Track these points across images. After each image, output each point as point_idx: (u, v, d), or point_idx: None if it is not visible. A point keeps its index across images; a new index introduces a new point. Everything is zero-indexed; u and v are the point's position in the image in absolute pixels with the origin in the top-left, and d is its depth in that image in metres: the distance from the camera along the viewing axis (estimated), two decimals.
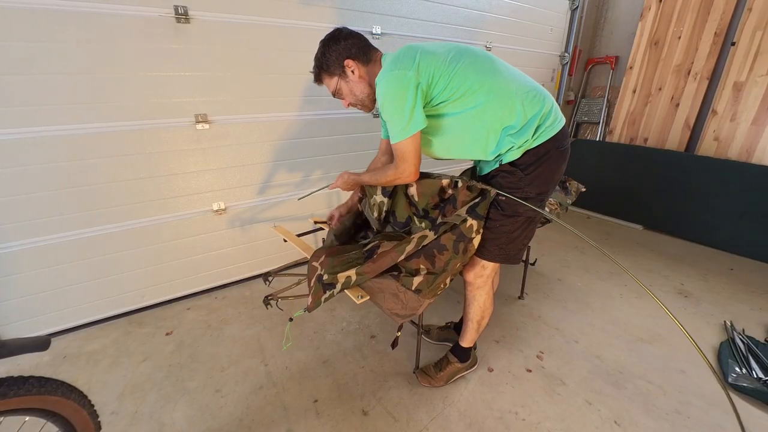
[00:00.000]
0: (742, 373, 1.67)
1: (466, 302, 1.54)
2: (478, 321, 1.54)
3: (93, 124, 1.76)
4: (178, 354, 1.84)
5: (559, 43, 3.87)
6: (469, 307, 1.53)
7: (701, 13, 3.10)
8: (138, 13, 1.72)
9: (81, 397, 0.99)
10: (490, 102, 1.21)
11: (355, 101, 1.38)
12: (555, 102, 1.30)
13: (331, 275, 1.30)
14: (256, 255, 2.47)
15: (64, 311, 1.94)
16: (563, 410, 1.53)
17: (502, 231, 1.33)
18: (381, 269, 1.30)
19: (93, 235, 1.90)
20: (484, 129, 1.25)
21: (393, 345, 1.46)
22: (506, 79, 1.24)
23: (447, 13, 2.79)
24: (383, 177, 1.37)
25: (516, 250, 1.38)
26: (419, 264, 1.31)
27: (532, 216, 1.32)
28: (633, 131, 3.62)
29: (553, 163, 1.28)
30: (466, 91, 1.21)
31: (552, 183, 1.32)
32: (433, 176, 1.43)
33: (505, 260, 1.39)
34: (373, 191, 1.53)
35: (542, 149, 1.25)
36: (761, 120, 2.84)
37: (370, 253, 1.34)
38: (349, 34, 1.32)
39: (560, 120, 1.30)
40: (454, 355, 1.65)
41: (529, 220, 1.34)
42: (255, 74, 2.10)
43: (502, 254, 1.36)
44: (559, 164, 1.31)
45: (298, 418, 1.49)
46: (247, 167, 2.24)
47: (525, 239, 1.38)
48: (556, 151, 1.27)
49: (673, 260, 2.81)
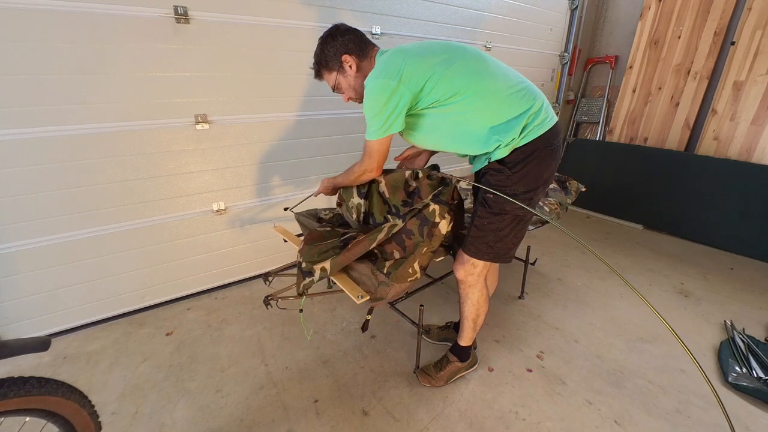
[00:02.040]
0: (742, 373, 1.67)
1: (460, 301, 1.55)
2: (474, 319, 1.55)
3: (93, 125, 1.76)
4: (178, 354, 1.84)
5: (558, 43, 3.87)
6: (464, 306, 1.54)
7: (701, 13, 3.10)
8: (138, 14, 1.72)
9: (81, 397, 0.99)
10: (476, 104, 1.23)
11: (355, 95, 1.41)
12: (546, 100, 1.31)
13: (309, 264, 1.37)
14: (256, 255, 2.47)
15: (64, 312, 1.94)
16: (563, 410, 1.53)
17: (489, 229, 1.33)
18: (354, 258, 1.38)
19: (93, 235, 1.90)
20: (469, 129, 1.28)
21: (363, 328, 1.47)
22: (495, 79, 1.25)
23: (446, 13, 2.79)
24: (351, 174, 1.48)
25: (505, 249, 1.38)
26: (392, 249, 1.41)
27: (521, 215, 1.32)
28: (633, 131, 3.62)
29: (542, 162, 1.28)
30: (453, 95, 1.23)
31: (541, 181, 1.32)
32: (397, 171, 1.54)
33: (493, 258, 1.39)
34: (350, 195, 1.60)
35: (530, 148, 1.26)
36: (761, 119, 2.84)
37: (345, 243, 1.41)
38: (346, 30, 1.35)
39: (550, 119, 1.30)
40: (453, 354, 1.65)
41: (518, 219, 1.33)
42: (255, 74, 2.10)
43: (490, 252, 1.37)
44: (548, 163, 1.30)
45: (298, 418, 1.49)
46: (247, 167, 2.24)
47: (515, 238, 1.38)
48: (545, 150, 1.27)
49: (673, 260, 2.81)
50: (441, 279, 2.05)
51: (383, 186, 1.52)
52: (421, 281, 2.01)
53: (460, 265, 1.44)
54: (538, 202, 1.39)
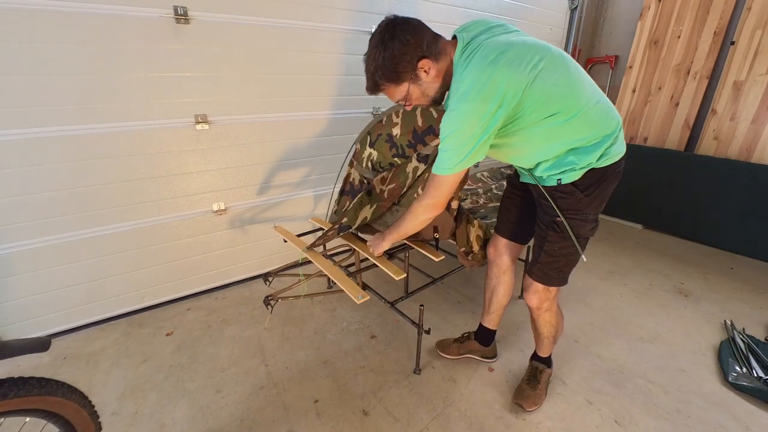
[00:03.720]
0: (742, 372, 1.67)
1: (534, 324, 1.49)
2: (553, 336, 1.50)
3: (93, 125, 1.76)
4: (178, 354, 1.84)
5: (558, 43, 3.86)
6: (542, 328, 1.47)
7: (701, 13, 3.10)
8: (138, 14, 1.72)
9: (81, 397, 0.99)
10: (565, 123, 1.08)
11: (426, 101, 1.21)
12: (621, 120, 1.19)
13: (350, 219, 1.55)
14: (256, 255, 2.47)
15: (64, 312, 1.94)
16: (563, 410, 1.53)
17: (561, 254, 1.27)
18: (391, 202, 1.59)
19: (93, 235, 1.90)
20: (543, 148, 1.15)
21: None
22: (583, 91, 1.09)
23: (446, 13, 2.79)
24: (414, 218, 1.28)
25: (569, 272, 1.33)
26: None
27: (590, 236, 1.28)
28: (633, 131, 3.62)
29: (610, 185, 1.20)
30: (543, 113, 1.07)
31: (605, 202, 1.24)
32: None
33: (560, 282, 1.32)
34: (363, 148, 1.76)
35: (602, 170, 1.16)
36: (761, 119, 2.84)
37: (368, 191, 1.60)
38: (415, 27, 1.09)
39: (622, 142, 1.20)
40: (541, 362, 1.58)
41: (586, 241, 1.28)
42: (255, 74, 2.10)
43: (559, 277, 1.31)
44: (613, 185, 1.22)
45: (298, 419, 1.49)
46: (247, 167, 2.24)
47: (577, 259, 1.30)
48: (614, 173, 1.19)
49: (673, 259, 2.81)
50: (441, 279, 2.05)
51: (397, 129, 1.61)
52: (421, 281, 2.01)
53: (533, 293, 1.35)
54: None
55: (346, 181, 1.87)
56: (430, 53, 1.09)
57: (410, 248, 1.71)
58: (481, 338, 1.75)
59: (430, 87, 1.15)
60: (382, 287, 2.34)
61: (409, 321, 1.72)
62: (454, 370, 1.73)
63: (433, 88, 1.16)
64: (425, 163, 1.47)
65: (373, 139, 1.73)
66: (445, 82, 1.16)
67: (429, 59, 1.09)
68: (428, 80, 1.13)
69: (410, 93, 1.15)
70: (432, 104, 1.25)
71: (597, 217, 1.25)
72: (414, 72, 1.10)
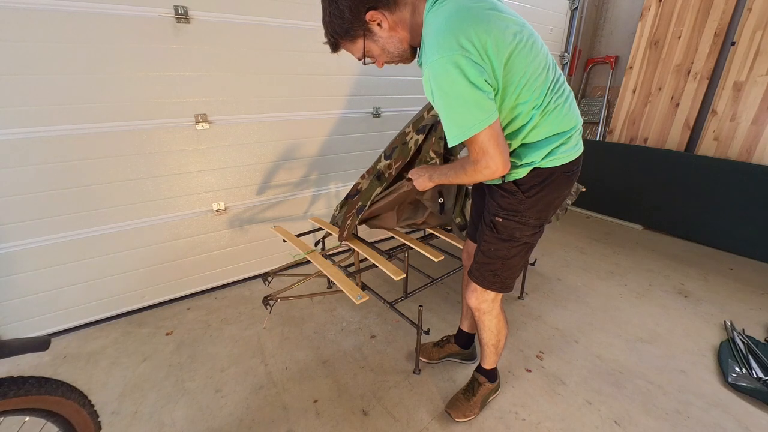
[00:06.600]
0: (742, 373, 1.67)
1: (477, 327, 1.44)
2: (494, 344, 1.43)
3: (92, 125, 1.76)
4: (178, 354, 1.84)
5: (559, 43, 3.87)
6: (481, 333, 1.42)
7: (701, 13, 3.10)
8: (138, 14, 1.72)
9: (81, 397, 0.99)
10: (528, 114, 1.01)
11: (391, 58, 1.11)
12: (580, 123, 1.12)
13: (365, 200, 1.64)
14: (256, 255, 2.47)
15: (64, 311, 1.94)
16: (563, 410, 1.53)
17: (497, 256, 1.21)
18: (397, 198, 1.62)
19: (93, 235, 1.90)
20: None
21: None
22: (547, 77, 1.02)
23: None
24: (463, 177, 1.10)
25: (512, 278, 1.26)
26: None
27: (530, 242, 1.20)
28: (633, 131, 3.62)
29: (557, 188, 1.12)
30: (517, 99, 0.99)
31: (552, 209, 1.17)
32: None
33: (498, 288, 1.26)
34: (379, 160, 1.74)
35: (549, 171, 1.09)
36: (761, 120, 2.84)
37: (378, 174, 1.67)
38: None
39: (580, 145, 1.13)
40: (482, 374, 1.52)
41: (528, 246, 1.21)
42: (255, 74, 2.10)
43: (496, 281, 1.25)
44: (561, 190, 1.14)
45: (298, 418, 1.49)
46: (246, 167, 2.24)
47: (521, 266, 1.26)
48: (563, 175, 1.11)
49: (673, 260, 2.81)
50: (441, 279, 2.05)
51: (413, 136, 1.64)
52: (421, 282, 2.01)
53: (471, 292, 1.31)
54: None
55: (354, 188, 1.86)
56: (379, 3, 0.98)
57: (410, 248, 1.71)
58: (460, 341, 1.74)
59: (389, 42, 1.05)
60: (381, 287, 2.34)
61: (409, 321, 1.73)
62: (454, 370, 1.73)
63: (392, 43, 1.05)
64: (423, 133, 1.56)
65: (388, 152, 1.70)
66: (412, 37, 1.06)
67: (378, 11, 0.98)
68: (384, 34, 1.03)
69: (368, 49, 1.06)
70: (402, 61, 1.14)
71: (540, 223, 1.18)
72: (365, 25, 1.01)
